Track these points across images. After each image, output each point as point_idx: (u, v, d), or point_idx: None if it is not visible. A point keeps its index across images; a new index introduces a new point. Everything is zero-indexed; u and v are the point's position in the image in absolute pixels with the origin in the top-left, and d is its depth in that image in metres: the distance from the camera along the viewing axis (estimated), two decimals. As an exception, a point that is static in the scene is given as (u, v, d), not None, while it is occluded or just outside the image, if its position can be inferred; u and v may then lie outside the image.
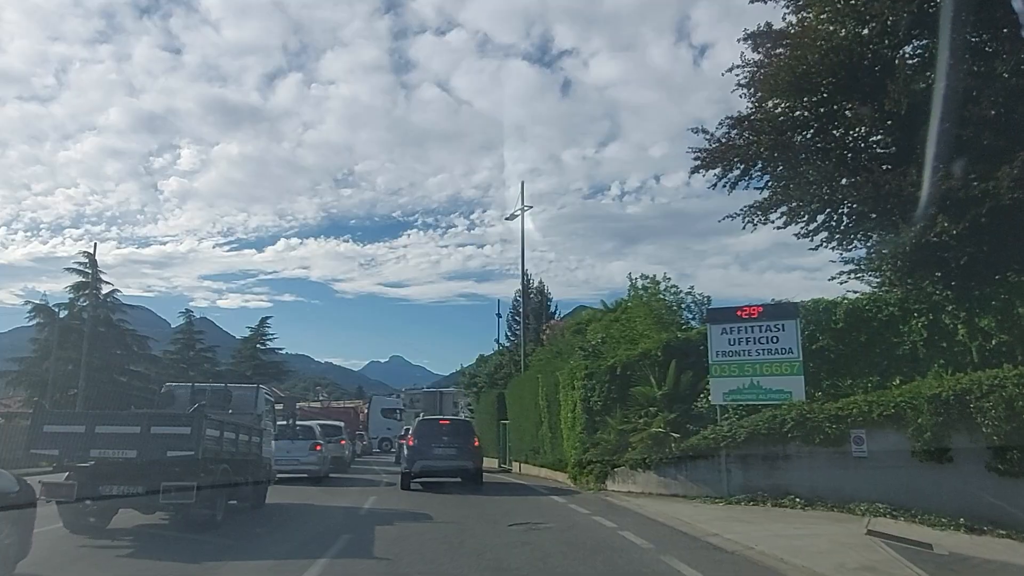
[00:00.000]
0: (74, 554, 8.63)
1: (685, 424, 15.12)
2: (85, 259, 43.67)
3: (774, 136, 16.51)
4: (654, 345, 16.90)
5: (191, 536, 9.83)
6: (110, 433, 9.87)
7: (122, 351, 44.15)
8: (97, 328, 42.75)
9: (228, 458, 11.49)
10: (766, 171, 17.90)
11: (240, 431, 12.30)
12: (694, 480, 14.32)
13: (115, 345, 43.64)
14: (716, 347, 14.87)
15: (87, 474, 9.82)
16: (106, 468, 9.82)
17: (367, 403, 62.13)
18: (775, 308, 14.73)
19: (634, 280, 23.36)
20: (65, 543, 9.16)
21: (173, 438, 9.86)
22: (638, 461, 15.19)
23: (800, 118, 16.22)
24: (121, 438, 9.79)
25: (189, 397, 13.62)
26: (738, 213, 18.69)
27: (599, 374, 17.36)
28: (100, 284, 43.57)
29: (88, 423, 10.06)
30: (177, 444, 9.78)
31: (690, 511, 12.16)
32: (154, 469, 9.66)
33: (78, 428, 9.97)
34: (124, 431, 9.93)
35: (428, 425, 19.84)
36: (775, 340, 14.36)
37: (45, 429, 10.01)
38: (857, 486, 12.52)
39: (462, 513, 13.18)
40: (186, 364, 50.82)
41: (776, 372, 14.25)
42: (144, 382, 42.84)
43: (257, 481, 13.51)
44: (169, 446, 9.76)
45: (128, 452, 9.69)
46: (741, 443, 13.62)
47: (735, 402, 14.62)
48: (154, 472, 9.62)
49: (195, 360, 52.78)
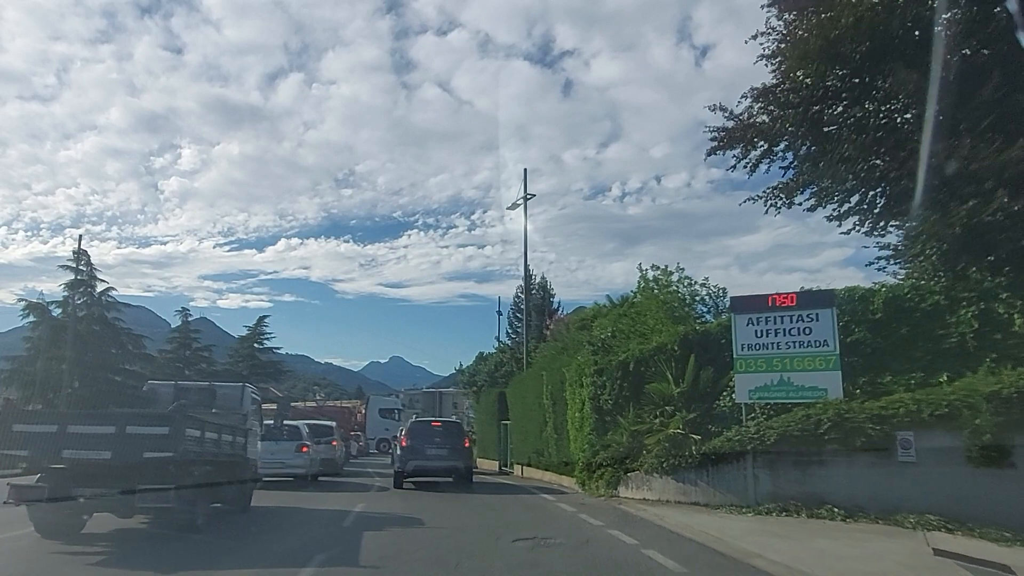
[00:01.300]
0: (42, 561, 8.20)
1: (706, 425, 13.71)
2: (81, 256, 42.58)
3: (802, 109, 15.11)
4: (670, 338, 15.47)
5: (170, 541, 9.40)
6: (83, 433, 9.37)
7: (117, 350, 43.44)
8: (91, 327, 42.53)
9: (211, 459, 10.91)
10: (791, 149, 16.53)
11: (224, 431, 11.63)
12: (717, 487, 12.89)
13: (110, 344, 42.89)
14: (741, 339, 13.45)
15: (60, 476, 9.42)
16: (80, 470, 9.40)
17: (365, 403, 60.82)
18: (809, 296, 13.29)
19: (644, 271, 21.92)
20: (35, 548, 8.82)
21: (150, 438, 9.33)
22: (654, 465, 13.77)
23: (832, 88, 14.78)
24: (95, 438, 9.28)
25: (172, 396, 12.91)
26: (759, 195, 17.36)
27: (610, 370, 15.94)
28: (95, 282, 43.04)
29: (60, 423, 9.58)
30: (154, 445, 9.26)
31: (717, 523, 10.74)
32: (130, 471, 9.21)
33: (49, 428, 9.46)
34: (98, 431, 9.40)
35: (421, 426, 19.81)
36: (808, 331, 12.94)
37: (15, 428, 9.41)
38: (903, 495, 11.13)
39: (459, 523, 11.79)
40: (182, 363, 50.29)
41: (809, 367, 12.82)
42: (139, 381, 41.65)
43: (242, 483, 13.02)
44: (146, 447, 9.22)
45: (102, 453, 9.16)
46: (770, 446, 12.19)
47: (762, 400, 13.20)
48: (130, 474, 9.18)
49: (191, 359, 52.80)
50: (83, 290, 42.45)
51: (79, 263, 39.71)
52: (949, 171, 12.32)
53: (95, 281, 43.13)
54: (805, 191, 16.51)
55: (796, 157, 16.89)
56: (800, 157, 16.19)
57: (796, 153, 16.85)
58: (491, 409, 30.92)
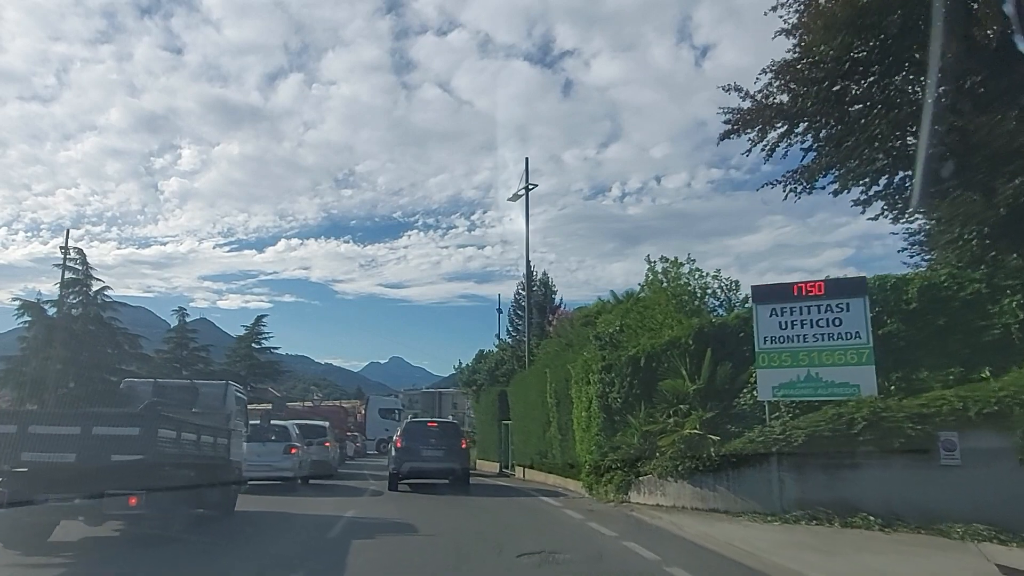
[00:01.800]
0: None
1: (724, 424, 12.64)
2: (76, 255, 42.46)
3: (827, 84, 14.05)
4: (684, 332, 14.39)
5: (139, 551, 8.95)
6: (46, 434, 8.87)
7: (113, 350, 42.73)
8: (87, 326, 42.14)
9: (189, 462, 10.28)
10: (813, 129, 15.48)
11: (204, 432, 11.06)
12: (738, 492, 11.82)
13: (106, 344, 42.11)
14: (764, 332, 12.39)
15: (21, 480, 8.69)
16: (42, 473, 8.71)
17: (364, 403, 59.84)
18: (838, 283, 12.22)
19: (652, 263, 20.84)
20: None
21: (119, 440, 8.82)
22: (668, 468, 12.69)
23: (860, 61, 13.70)
24: (58, 440, 8.78)
25: (151, 394, 12.32)
26: (779, 180, 16.32)
27: (618, 366, 14.85)
28: (90, 281, 42.50)
29: (20, 423, 9.05)
30: (124, 447, 8.75)
31: (742, 533, 9.67)
32: (97, 475, 8.59)
33: (9, 428, 8.90)
34: (62, 432, 8.91)
35: (416, 427, 19.33)
36: (838, 322, 11.86)
37: None
38: (946, 502, 10.07)
39: (457, 532, 10.76)
40: (179, 363, 49.76)
41: (840, 361, 11.75)
42: (135, 382, 41.07)
43: (225, 487, 12.32)
44: (114, 449, 8.72)
45: (66, 456, 8.65)
46: (797, 447, 11.13)
47: (787, 398, 12.13)
48: (97, 478, 8.55)
49: (188, 359, 52.39)
50: (78, 289, 42.34)
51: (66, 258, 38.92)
52: (993, 147, 11.28)
53: (90, 280, 42.98)
54: (828, 174, 15.49)
55: (817, 138, 15.87)
56: (824, 137, 15.15)
57: (818, 133, 15.83)
58: (491, 409, 29.83)
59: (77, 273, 42.46)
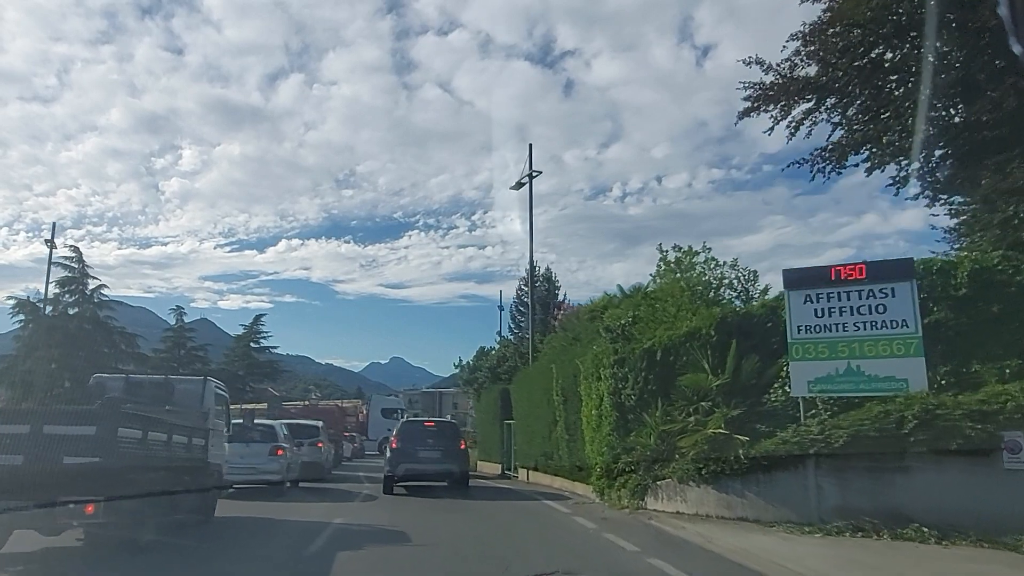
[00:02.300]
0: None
1: (753, 423, 11.39)
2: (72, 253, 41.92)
3: (862, 51, 12.83)
4: (705, 322, 13.14)
5: (99, 564, 8.20)
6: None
7: (109, 349, 41.92)
8: (83, 325, 41.58)
9: (158, 464, 9.38)
10: (845, 102, 14.27)
11: (176, 431, 10.13)
12: (770, 499, 10.58)
13: (102, 343, 41.33)
14: (797, 320, 11.15)
15: None
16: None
17: (366, 403, 58.75)
18: (882, 266, 10.96)
19: (665, 252, 19.62)
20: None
21: (72, 440, 7.93)
22: (690, 472, 11.44)
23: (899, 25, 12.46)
24: (5, 440, 7.87)
25: (122, 390, 11.41)
26: (805, 160, 15.13)
27: (632, 360, 13.59)
28: (86, 280, 41.89)
29: None
30: (78, 448, 7.88)
31: (784, 548, 8.43)
32: (48, 480, 7.69)
33: None
34: (9, 431, 7.95)
35: (412, 427, 18.43)
36: (882, 309, 10.62)
37: None
38: (1011, 510, 8.86)
39: (455, 542, 9.55)
40: (177, 363, 49.11)
41: (884, 353, 10.50)
42: (131, 382, 40.50)
43: (203, 491, 11.27)
44: (67, 450, 7.84)
45: (13, 458, 7.71)
46: (837, 449, 9.90)
47: (825, 394, 10.89)
48: (49, 483, 7.66)
49: (186, 359, 52.00)
50: (74, 288, 41.87)
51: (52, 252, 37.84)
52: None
53: (86, 279, 42.46)
54: (861, 151, 14.28)
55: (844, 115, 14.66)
56: (855, 112, 13.94)
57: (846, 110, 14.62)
58: (493, 408, 28.57)
59: (73, 272, 42.11)
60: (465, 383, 36.86)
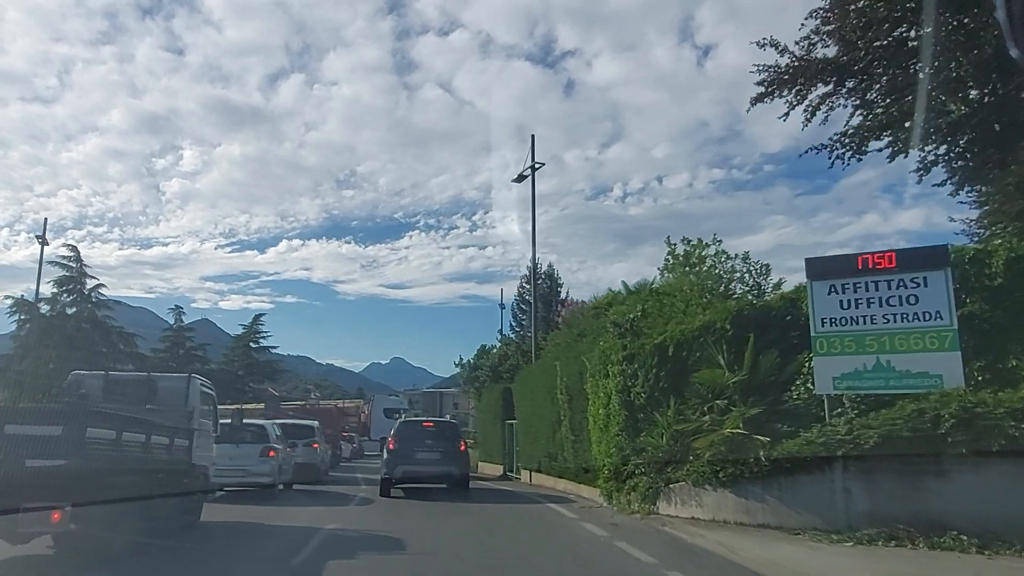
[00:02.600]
0: None
1: (773, 423, 10.66)
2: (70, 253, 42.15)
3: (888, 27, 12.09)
4: (719, 316, 12.42)
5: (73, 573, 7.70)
6: None
7: (108, 349, 42.20)
8: (80, 325, 41.54)
9: (135, 467, 8.76)
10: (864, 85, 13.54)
11: (156, 431, 9.47)
12: (793, 504, 9.84)
13: (100, 343, 41.67)
14: (822, 312, 10.42)
15: None
16: None
17: (368, 402, 58.20)
18: (913, 254, 10.22)
19: (673, 245, 18.94)
20: None
21: (36, 441, 7.31)
22: (706, 475, 10.71)
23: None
24: None
25: (100, 388, 10.87)
26: (824, 145, 14.41)
27: (642, 356, 12.86)
28: (84, 279, 41.64)
29: None
30: (42, 449, 7.24)
31: (812, 558, 7.72)
32: (10, 484, 7.06)
33: None
34: None
35: (410, 427, 17.73)
36: (913, 300, 9.88)
37: None
38: (1059, 517, 8.11)
39: (455, 552, 8.83)
40: (175, 363, 49.04)
41: (916, 347, 9.77)
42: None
43: (186, 495, 10.63)
44: (30, 452, 7.21)
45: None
46: (867, 451, 9.16)
47: (852, 391, 10.17)
48: (10, 488, 7.01)
49: (185, 359, 52.54)
50: (71, 287, 41.56)
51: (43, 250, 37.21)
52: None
53: (84, 278, 42.21)
54: (883, 136, 13.56)
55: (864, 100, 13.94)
56: (880, 91, 13.21)
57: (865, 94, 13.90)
58: (494, 407, 27.82)
59: (71, 271, 41.88)
60: (466, 382, 36.10)
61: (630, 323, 14.38)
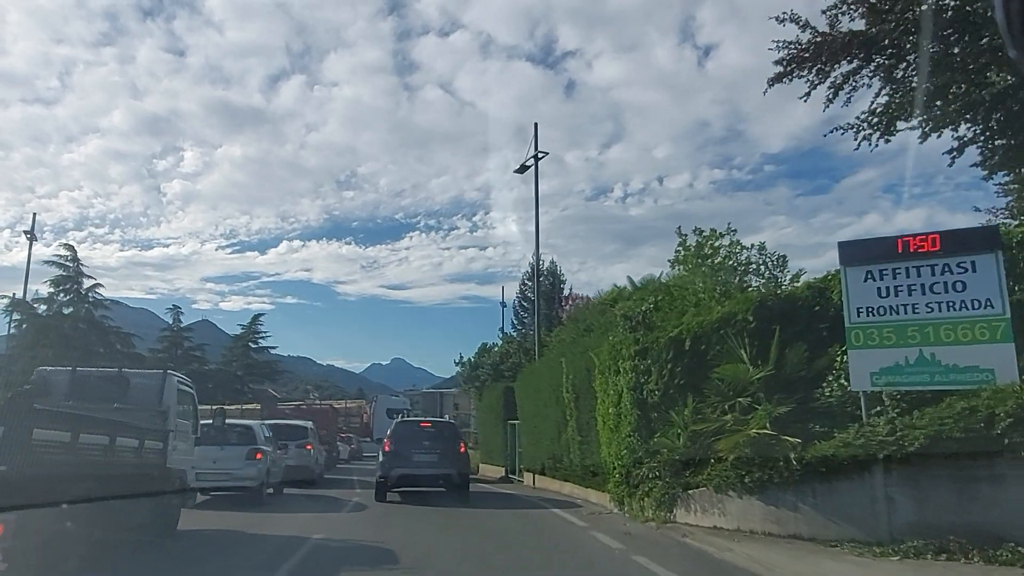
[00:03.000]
0: None
1: (804, 423, 9.70)
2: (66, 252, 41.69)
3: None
4: (740, 307, 11.47)
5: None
6: None
7: (105, 349, 41.25)
8: (77, 325, 40.57)
9: (96, 472, 7.81)
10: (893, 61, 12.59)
11: (122, 433, 8.60)
12: (829, 513, 8.89)
13: (97, 343, 40.92)
14: (857, 301, 9.48)
15: None
16: None
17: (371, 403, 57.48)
18: (960, 236, 9.28)
19: (684, 236, 17.95)
20: None
21: None
22: (731, 480, 9.76)
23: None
24: None
25: (67, 384, 10.13)
26: (850, 125, 13.46)
27: (656, 350, 11.90)
28: (81, 279, 41.11)
29: None
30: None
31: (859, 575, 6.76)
32: None
33: None
34: None
35: (407, 428, 16.83)
36: (960, 287, 8.93)
37: None
38: None
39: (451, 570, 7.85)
40: (174, 363, 47.84)
41: (965, 338, 8.81)
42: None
43: (160, 502, 9.71)
44: None
45: None
46: (912, 454, 8.22)
47: (892, 387, 9.21)
48: None
49: (183, 359, 52.05)
50: (68, 287, 41.03)
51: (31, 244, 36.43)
52: None
53: (81, 278, 41.63)
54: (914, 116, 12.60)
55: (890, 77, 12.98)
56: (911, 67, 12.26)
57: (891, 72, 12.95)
58: (495, 407, 26.87)
59: (68, 271, 41.44)
60: (466, 381, 35.12)
61: (642, 316, 13.43)
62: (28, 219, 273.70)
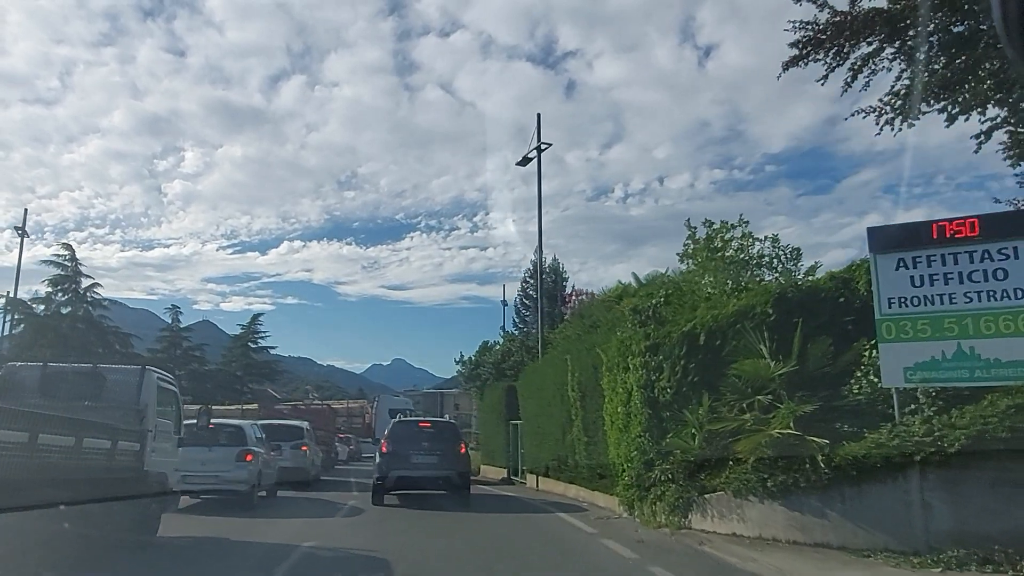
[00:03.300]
0: None
1: (831, 422, 9.02)
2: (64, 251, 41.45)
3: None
4: (759, 299, 10.80)
5: None
6: None
7: (103, 349, 40.69)
8: (75, 325, 40.19)
9: (62, 476, 7.28)
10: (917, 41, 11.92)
11: (93, 433, 8.06)
12: (860, 520, 8.21)
13: (96, 343, 40.52)
14: (888, 291, 8.80)
15: None
16: None
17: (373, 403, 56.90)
18: (1002, 219, 8.66)
19: (693, 229, 17.28)
20: None
21: None
22: (751, 483, 9.08)
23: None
24: None
25: (37, 381, 9.57)
26: (872, 108, 12.77)
27: (668, 346, 11.23)
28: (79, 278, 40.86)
29: None
30: None
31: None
32: None
33: None
34: None
35: (405, 428, 16.17)
36: (1001, 275, 8.25)
37: None
38: None
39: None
40: (173, 363, 47.85)
41: (1007, 331, 8.13)
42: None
43: (138, 508, 9.22)
44: None
45: None
46: (952, 456, 7.55)
47: (927, 384, 8.52)
48: None
49: (182, 359, 51.83)
50: (67, 287, 40.81)
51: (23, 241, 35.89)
52: None
53: (79, 278, 41.38)
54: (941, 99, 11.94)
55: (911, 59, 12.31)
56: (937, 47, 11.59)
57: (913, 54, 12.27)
58: (497, 407, 26.18)
59: (66, 270, 41.23)
60: (467, 380, 34.42)
61: (652, 310, 12.74)
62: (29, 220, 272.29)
